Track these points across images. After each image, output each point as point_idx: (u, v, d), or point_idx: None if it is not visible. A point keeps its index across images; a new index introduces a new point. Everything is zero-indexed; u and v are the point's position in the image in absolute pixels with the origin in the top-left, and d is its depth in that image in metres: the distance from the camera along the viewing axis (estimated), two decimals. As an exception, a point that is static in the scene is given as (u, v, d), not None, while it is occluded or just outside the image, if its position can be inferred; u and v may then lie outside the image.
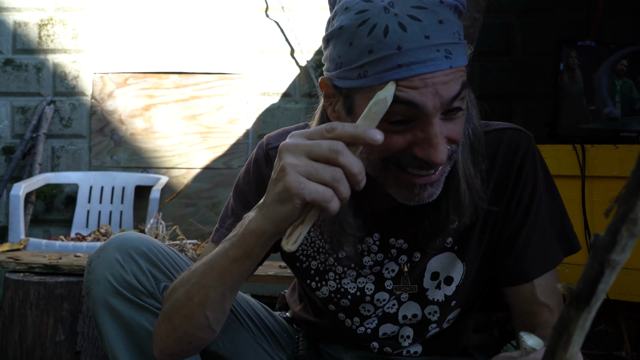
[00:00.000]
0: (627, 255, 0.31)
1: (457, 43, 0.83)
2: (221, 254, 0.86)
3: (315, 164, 0.75)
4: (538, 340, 0.64)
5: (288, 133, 1.04)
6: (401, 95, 0.81)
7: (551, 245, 1.01)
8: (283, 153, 0.78)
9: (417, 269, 1.05)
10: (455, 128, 0.85)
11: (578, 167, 1.79)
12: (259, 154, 1.08)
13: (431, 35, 0.80)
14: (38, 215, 3.52)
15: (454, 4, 0.83)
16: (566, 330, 0.34)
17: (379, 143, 0.76)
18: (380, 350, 1.11)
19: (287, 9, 3.44)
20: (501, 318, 2.26)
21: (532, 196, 0.99)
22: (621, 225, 0.30)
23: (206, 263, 0.88)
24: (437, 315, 1.07)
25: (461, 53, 0.84)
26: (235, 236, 0.84)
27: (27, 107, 3.54)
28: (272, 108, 3.48)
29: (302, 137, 0.78)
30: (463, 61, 0.84)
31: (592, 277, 0.31)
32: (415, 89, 0.80)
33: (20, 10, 3.55)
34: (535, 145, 1.02)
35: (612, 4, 2.67)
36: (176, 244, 2.12)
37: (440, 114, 0.83)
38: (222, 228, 1.08)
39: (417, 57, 0.80)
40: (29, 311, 2.00)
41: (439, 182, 0.89)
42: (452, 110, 0.84)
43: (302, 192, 0.75)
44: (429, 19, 0.80)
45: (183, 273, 0.96)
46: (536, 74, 3.23)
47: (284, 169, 0.76)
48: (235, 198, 1.08)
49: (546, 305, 0.99)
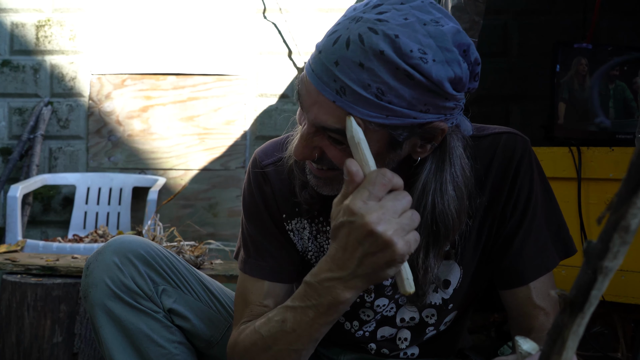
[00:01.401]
0: (620, 262, 0.32)
1: (361, 94, 0.80)
2: (308, 322, 0.89)
3: (403, 217, 0.80)
4: (533, 345, 0.64)
5: (277, 145, 1.07)
6: (300, 87, 0.87)
7: (547, 249, 1.02)
8: (375, 226, 0.78)
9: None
10: (337, 153, 0.87)
11: (574, 169, 1.79)
12: (255, 174, 1.07)
13: (340, 66, 0.81)
14: (35, 216, 3.52)
15: (404, 70, 0.78)
16: (560, 336, 0.34)
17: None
18: (378, 352, 1.11)
19: (284, 11, 3.44)
20: (499, 319, 2.27)
21: (528, 200, 1.00)
22: (613, 232, 0.30)
23: (289, 331, 0.91)
24: (434, 318, 1.08)
25: (361, 104, 0.80)
26: (322, 305, 0.86)
27: (25, 108, 3.54)
28: (269, 109, 3.48)
29: (367, 201, 0.80)
30: (357, 112, 0.81)
31: (585, 284, 0.32)
32: (307, 92, 0.85)
33: (18, 11, 3.55)
34: (531, 149, 1.02)
35: (609, 6, 2.68)
36: (173, 245, 2.12)
37: (325, 131, 0.86)
38: (250, 258, 1.07)
39: (317, 69, 0.83)
40: (26, 313, 2.00)
41: (319, 179, 0.92)
42: (333, 137, 0.86)
43: (411, 249, 0.80)
44: (354, 54, 0.80)
45: (249, 333, 0.98)
46: (533, 76, 3.24)
47: (389, 241, 0.79)
48: (250, 223, 1.07)
49: (542, 309, 0.99)
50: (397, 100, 0.80)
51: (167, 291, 1.07)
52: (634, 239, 0.33)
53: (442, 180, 0.90)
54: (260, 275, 1.04)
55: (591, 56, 2.04)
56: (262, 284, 1.04)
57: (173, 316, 1.08)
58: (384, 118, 0.82)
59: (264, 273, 1.04)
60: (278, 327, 0.92)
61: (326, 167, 0.90)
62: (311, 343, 0.92)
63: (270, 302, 1.02)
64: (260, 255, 1.05)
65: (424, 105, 0.82)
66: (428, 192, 0.90)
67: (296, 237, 1.06)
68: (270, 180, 1.04)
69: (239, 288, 1.06)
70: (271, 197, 1.05)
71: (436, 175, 0.90)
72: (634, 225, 0.29)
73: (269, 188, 1.05)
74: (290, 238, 1.06)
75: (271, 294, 1.03)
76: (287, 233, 1.06)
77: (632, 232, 0.31)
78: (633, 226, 0.30)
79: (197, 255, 2.10)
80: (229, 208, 3.49)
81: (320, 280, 0.85)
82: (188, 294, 1.10)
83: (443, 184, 0.90)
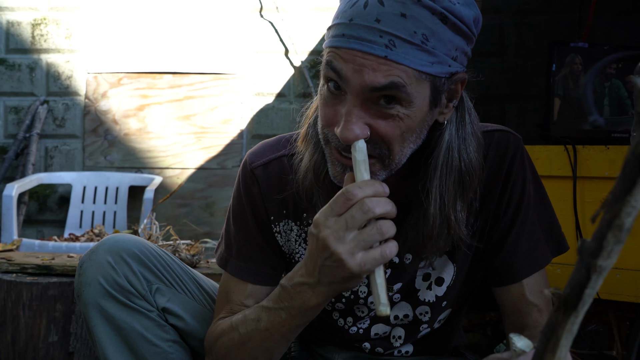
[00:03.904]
0: (614, 261, 0.32)
1: (409, 42, 0.81)
2: (280, 323, 0.93)
3: (361, 234, 0.80)
4: (528, 342, 0.64)
5: (268, 147, 1.07)
6: (334, 63, 0.85)
7: (540, 246, 1.02)
8: (330, 244, 0.81)
9: (409, 271, 1.05)
10: (386, 126, 0.85)
11: (570, 168, 1.80)
12: (245, 175, 1.07)
13: (382, 21, 0.81)
14: (31, 215, 3.51)
15: (441, 13, 0.81)
16: (554, 335, 0.34)
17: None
18: (372, 351, 1.11)
19: (281, 10, 3.44)
20: (494, 318, 2.27)
21: (521, 197, 1.00)
22: (607, 231, 0.30)
23: (263, 330, 0.94)
24: (428, 315, 1.08)
25: (411, 53, 0.82)
26: (293, 308, 0.90)
27: (20, 107, 3.53)
28: (266, 108, 3.48)
29: (328, 219, 0.82)
30: (409, 61, 0.82)
31: (579, 282, 0.32)
32: (346, 62, 0.83)
33: (13, 9, 3.54)
34: (523, 147, 1.03)
35: (604, 6, 2.68)
36: (170, 244, 2.12)
37: (369, 101, 0.84)
38: (231, 258, 1.08)
39: (358, 34, 0.82)
40: (22, 312, 1.99)
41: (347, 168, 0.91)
42: (381, 104, 0.84)
43: (366, 268, 0.81)
44: (392, 7, 0.81)
45: (225, 327, 1.01)
46: (529, 75, 3.24)
47: (341, 260, 0.80)
48: (235, 224, 1.09)
49: (535, 305, 1.00)
50: (439, 45, 0.83)
51: (161, 290, 1.06)
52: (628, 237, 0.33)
53: (464, 135, 0.93)
54: (242, 277, 1.06)
55: (587, 55, 2.05)
56: (245, 285, 1.06)
57: (167, 315, 1.08)
58: (431, 66, 0.83)
59: (245, 275, 1.06)
60: (253, 325, 0.96)
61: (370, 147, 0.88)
62: (283, 343, 0.96)
63: (251, 302, 1.05)
64: (242, 258, 1.07)
65: (455, 50, 0.85)
66: (453, 149, 0.91)
67: (283, 239, 1.07)
68: (259, 182, 1.05)
69: (222, 285, 1.09)
70: (259, 198, 1.05)
71: (458, 132, 0.92)
72: (627, 224, 0.29)
73: (256, 189, 1.05)
74: (276, 240, 1.07)
75: (252, 296, 1.06)
76: (273, 235, 1.07)
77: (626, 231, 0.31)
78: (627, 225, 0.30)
79: (193, 254, 2.10)
80: (226, 207, 3.48)
81: (293, 284, 0.90)
82: (182, 292, 1.10)
83: (466, 139, 0.93)
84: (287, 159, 1.05)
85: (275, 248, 1.08)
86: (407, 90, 0.83)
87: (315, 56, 3.43)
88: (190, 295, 1.11)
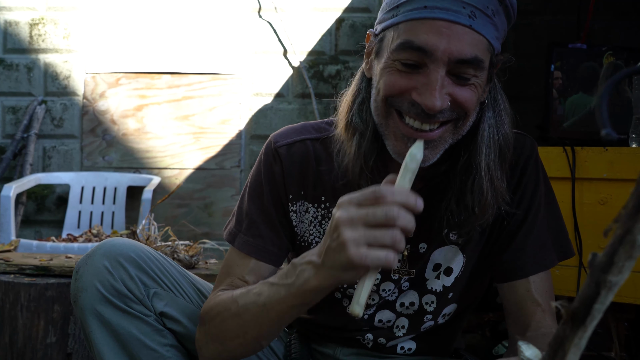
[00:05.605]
0: (625, 277, 0.32)
1: (485, 14, 0.87)
2: (277, 300, 0.91)
3: (373, 231, 0.79)
4: (536, 351, 0.64)
5: (293, 131, 1.09)
6: (415, 40, 0.87)
7: (547, 247, 1.04)
8: (341, 227, 0.80)
9: (421, 260, 1.07)
10: (463, 93, 0.89)
11: (568, 169, 1.80)
12: (268, 154, 1.10)
13: None
14: (29, 216, 3.50)
15: None
16: (561, 348, 0.34)
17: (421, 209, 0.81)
18: (375, 343, 1.12)
19: (280, 10, 3.43)
20: (493, 319, 2.27)
21: (533, 198, 1.03)
22: (619, 246, 0.30)
23: (260, 304, 0.93)
24: (433, 305, 1.09)
25: (487, 26, 0.88)
26: (293, 286, 0.88)
27: (18, 107, 3.52)
28: (264, 109, 3.47)
29: (351, 205, 0.81)
30: (486, 32, 0.88)
31: (589, 297, 0.32)
32: (431, 33, 0.86)
33: (11, 9, 3.52)
34: (538, 152, 1.06)
35: (602, 7, 2.69)
36: (168, 245, 2.11)
37: (450, 72, 0.88)
38: (240, 233, 1.10)
39: (442, 4, 0.86)
40: (20, 313, 1.99)
41: (436, 146, 0.92)
42: (462, 76, 0.88)
43: (365, 262, 0.79)
44: None
45: (225, 298, 1.00)
46: (528, 76, 3.24)
47: (345, 244, 0.79)
48: (249, 200, 1.10)
49: (539, 305, 1.01)
50: (499, 22, 0.90)
51: (159, 294, 1.06)
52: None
53: (500, 113, 0.98)
54: (247, 252, 1.07)
55: (585, 56, 2.05)
56: (249, 260, 1.07)
57: (165, 319, 1.07)
58: (496, 41, 0.90)
59: (251, 250, 1.07)
60: (253, 298, 0.95)
61: (441, 119, 0.91)
62: (276, 324, 0.94)
63: (252, 278, 1.05)
64: (250, 234, 1.08)
65: (503, 31, 0.93)
66: (493, 125, 0.97)
67: (297, 219, 1.09)
68: (282, 160, 1.07)
69: (226, 260, 1.10)
70: (280, 176, 1.07)
71: (494, 110, 0.98)
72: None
73: (278, 167, 1.07)
74: (290, 220, 1.09)
75: (254, 271, 1.06)
76: (288, 214, 1.09)
77: (638, 247, 0.30)
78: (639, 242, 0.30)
79: (191, 255, 2.10)
80: (224, 207, 3.48)
81: (302, 262, 0.88)
82: (180, 296, 1.10)
83: (502, 115, 0.98)
84: (311, 142, 1.08)
85: (287, 227, 1.09)
86: (485, 63, 0.89)
87: (314, 56, 3.43)
88: (188, 299, 1.11)
